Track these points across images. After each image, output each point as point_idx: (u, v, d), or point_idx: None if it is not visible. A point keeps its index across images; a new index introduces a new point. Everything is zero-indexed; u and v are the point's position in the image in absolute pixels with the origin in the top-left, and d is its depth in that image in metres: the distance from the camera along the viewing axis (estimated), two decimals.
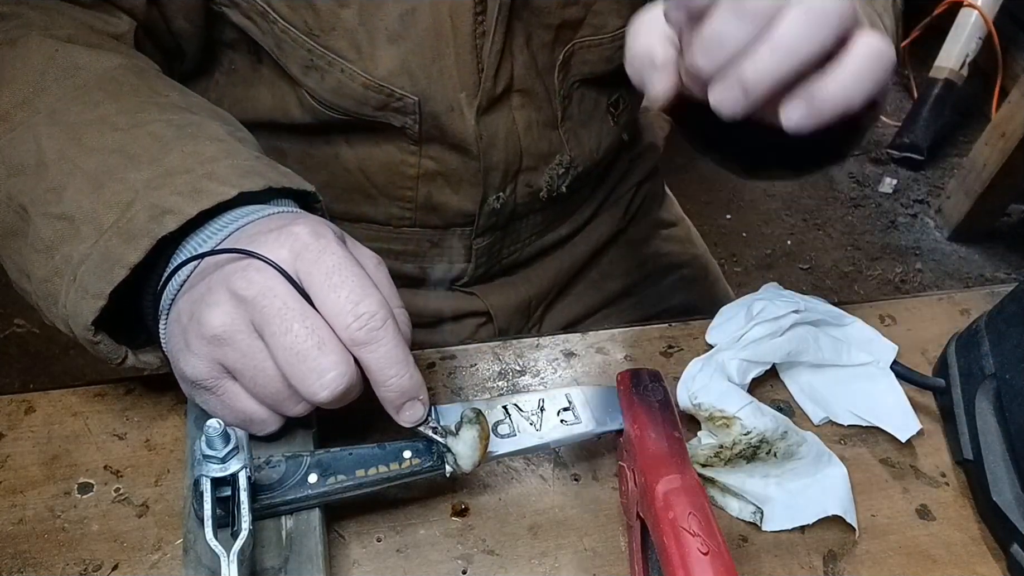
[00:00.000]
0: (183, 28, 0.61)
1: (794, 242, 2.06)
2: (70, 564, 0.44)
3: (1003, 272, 2.01)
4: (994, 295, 0.63)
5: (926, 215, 2.13)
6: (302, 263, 0.41)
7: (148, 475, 0.48)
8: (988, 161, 1.90)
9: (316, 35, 0.59)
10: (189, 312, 0.42)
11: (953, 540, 0.49)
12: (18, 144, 0.48)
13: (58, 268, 0.45)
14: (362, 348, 0.40)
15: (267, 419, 0.44)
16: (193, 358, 0.42)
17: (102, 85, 0.50)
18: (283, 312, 0.40)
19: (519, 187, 0.71)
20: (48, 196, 0.46)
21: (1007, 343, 0.50)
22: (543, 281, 0.81)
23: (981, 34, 2.15)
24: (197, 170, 0.45)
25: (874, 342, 0.56)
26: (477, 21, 0.60)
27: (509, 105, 0.66)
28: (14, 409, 0.51)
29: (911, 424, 0.52)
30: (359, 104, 0.62)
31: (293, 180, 0.48)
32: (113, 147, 0.46)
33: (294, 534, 0.42)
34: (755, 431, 0.49)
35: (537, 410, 0.47)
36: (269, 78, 0.64)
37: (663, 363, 0.57)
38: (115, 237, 0.44)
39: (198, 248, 0.45)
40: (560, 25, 0.65)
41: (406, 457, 0.44)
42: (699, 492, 0.40)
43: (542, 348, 0.58)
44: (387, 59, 0.60)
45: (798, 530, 0.48)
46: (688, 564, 0.37)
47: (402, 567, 0.46)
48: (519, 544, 0.47)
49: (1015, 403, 0.48)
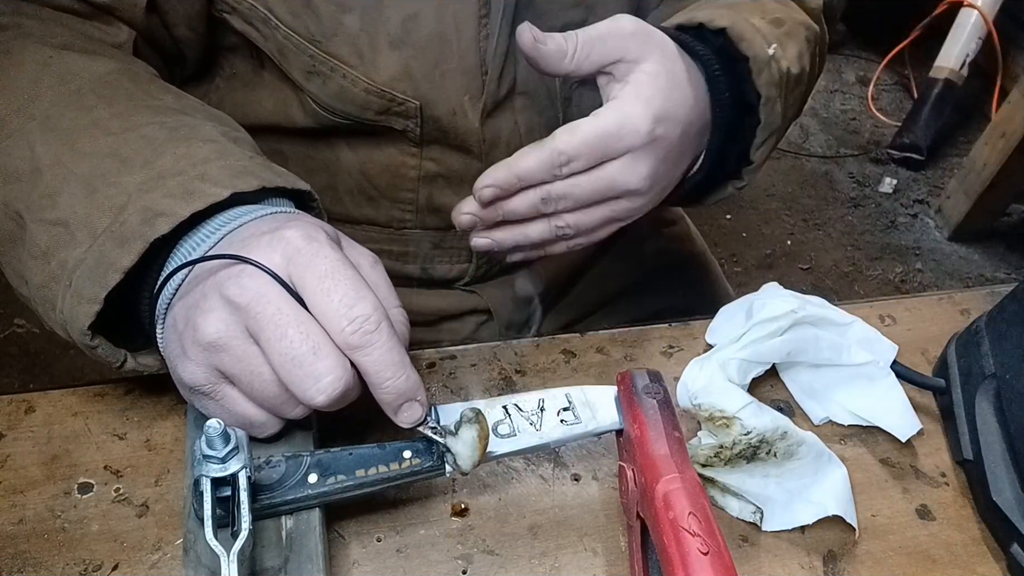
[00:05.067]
0: (185, 35, 0.61)
1: (794, 242, 2.06)
2: (70, 564, 0.44)
3: (1003, 272, 2.01)
4: (994, 295, 0.63)
5: (926, 215, 2.13)
6: (295, 267, 0.41)
7: (148, 475, 0.48)
8: (988, 161, 1.90)
9: (318, 41, 0.59)
10: (185, 318, 0.42)
11: (953, 540, 0.49)
12: (13, 151, 0.48)
13: (54, 274, 0.45)
14: (357, 352, 0.40)
15: (266, 422, 0.44)
16: (190, 364, 0.42)
17: (96, 90, 0.50)
18: (277, 318, 0.40)
19: None
20: (43, 202, 0.46)
21: (1007, 343, 0.50)
22: (544, 280, 0.81)
23: (981, 34, 2.15)
24: (189, 172, 0.45)
25: (874, 342, 0.56)
26: (481, 24, 0.61)
27: (512, 107, 0.66)
28: (14, 409, 0.51)
29: (911, 424, 0.52)
30: (361, 109, 0.62)
31: (288, 179, 0.48)
32: (106, 151, 0.46)
33: (294, 534, 0.42)
34: (755, 431, 0.49)
35: (537, 410, 0.47)
36: (271, 83, 0.64)
37: (663, 363, 0.57)
38: (108, 241, 0.43)
39: (193, 250, 0.45)
40: (562, 27, 0.65)
41: (406, 457, 0.44)
42: (699, 492, 0.40)
43: (542, 348, 0.58)
44: (389, 64, 0.60)
45: (798, 530, 0.48)
46: (688, 564, 0.37)
47: (402, 567, 0.46)
48: (519, 544, 0.47)
49: (1015, 403, 0.48)
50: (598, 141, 0.52)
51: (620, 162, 0.53)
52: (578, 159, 0.52)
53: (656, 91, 0.53)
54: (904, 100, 2.42)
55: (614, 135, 0.52)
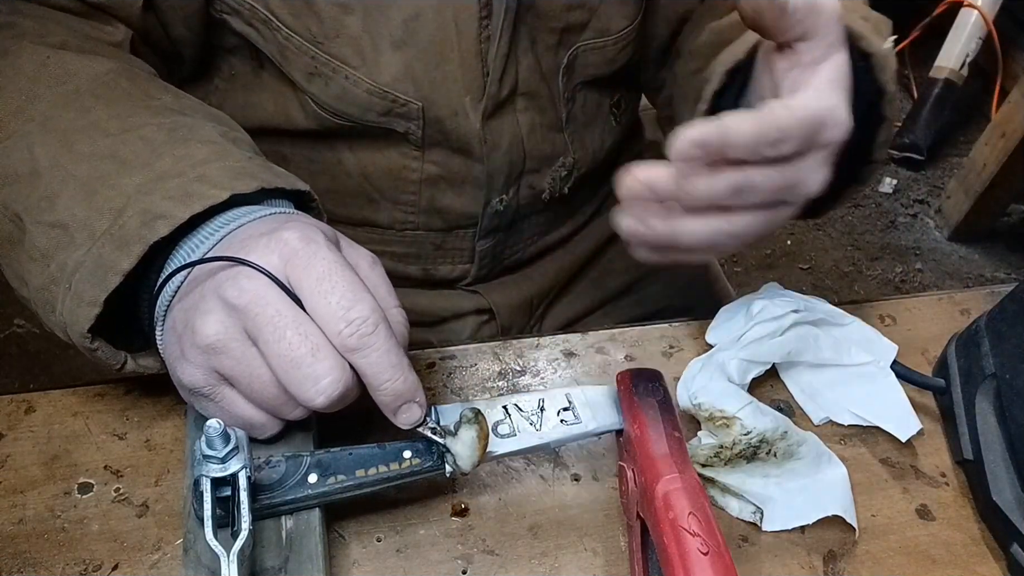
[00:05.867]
0: (182, 35, 0.61)
1: (794, 242, 2.06)
2: (70, 564, 0.44)
3: (1003, 272, 2.01)
4: (994, 295, 0.63)
5: (926, 215, 2.13)
6: (292, 269, 0.41)
7: (148, 475, 0.48)
8: (988, 161, 1.90)
9: (320, 42, 0.59)
10: (183, 320, 0.42)
11: (953, 540, 0.49)
12: (12, 153, 0.48)
13: (54, 276, 0.45)
14: (355, 354, 0.40)
15: (266, 423, 0.44)
16: (189, 366, 0.42)
17: (94, 90, 0.49)
18: (276, 319, 0.40)
19: (522, 189, 0.71)
20: (42, 204, 0.46)
21: (1007, 343, 0.50)
22: (545, 279, 0.81)
23: (981, 34, 2.15)
24: (188, 173, 0.45)
25: (874, 342, 0.56)
26: (482, 26, 0.60)
27: (514, 108, 0.66)
28: (14, 409, 0.51)
29: (911, 424, 0.52)
30: (363, 110, 0.62)
31: (287, 180, 0.48)
32: (105, 153, 0.46)
33: (294, 534, 0.42)
34: (755, 431, 0.49)
35: (537, 410, 0.47)
36: (271, 84, 0.64)
37: (663, 363, 0.57)
38: (108, 244, 0.43)
39: (192, 251, 0.45)
40: (564, 29, 0.65)
41: (406, 457, 0.44)
42: (699, 492, 0.40)
43: (542, 348, 0.58)
44: (391, 65, 0.60)
45: (798, 530, 0.48)
46: (688, 564, 0.37)
47: (402, 567, 0.46)
48: (519, 544, 0.47)
49: (1015, 403, 0.48)
50: (811, 126, 0.43)
51: (813, 158, 0.45)
52: (789, 142, 0.43)
53: (845, 87, 0.46)
54: (904, 100, 2.42)
55: (824, 124, 0.44)
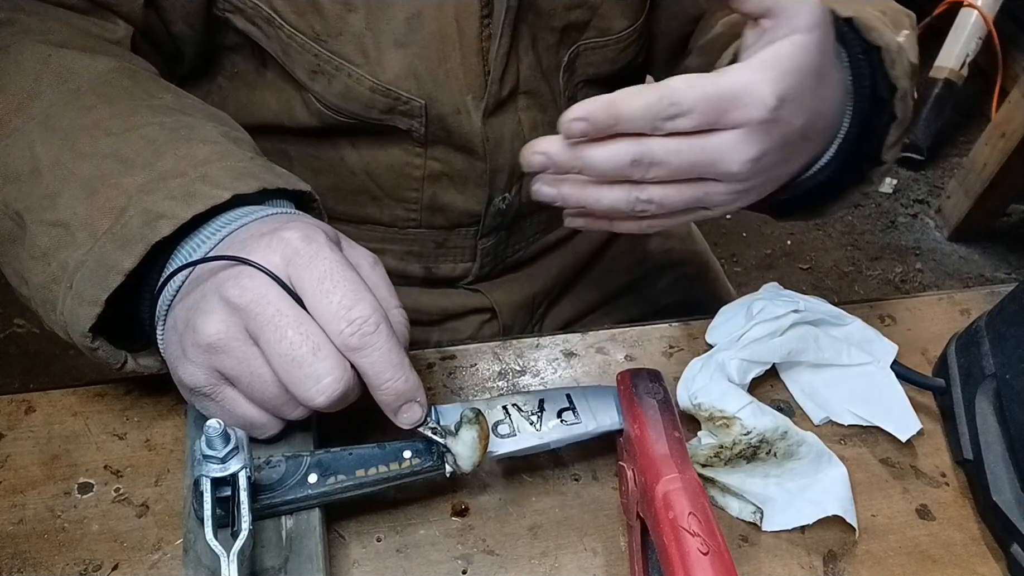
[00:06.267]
0: (183, 32, 0.61)
1: (794, 242, 2.06)
2: (70, 564, 0.44)
3: (1003, 272, 2.01)
4: (994, 295, 0.63)
5: (926, 215, 2.13)
6: (294, 268, 0.41)
7: (148, 475, 0.48)
8: (988, 161, 1.90)
9: (323, 40, 0.59)
10: (185, 320, 0.42)
11: (953, 540, 0.49)
12: (13, 151, 0.48)
13: (55, 275, 0.45)
14: (356, 353, 0.40)
15: (267, 423, 0.44)
16: (190, 366, 0.42)
17: (95, 89, 0.49)
18: (277, 319, 0.40)
19: (524, 187, 0.71)
20: (43, 203, 0.46)
21: (1007, 343, 0.50)
22: (547, 278, 0.81)
23: (981, 34, 2.15)
24: (190, 173, 0.45)
25: (874, 342, 0.56)
26: (483, 24, 0.61)
27: (515, 107, 0.66)
28: (14, 409, 0.51)
29: (911, 424, 0.52)
30: (366, 108, 0.62)
31: (288, 180, 0.48)
32: (106, 152, 0.46)
33: (294, 534, 0.42)
34: (755, 431, 0.49)
35: (537, 410, 0.47)
36: (274, 82, 0.64)
37: (663, 363, 0.57)
38: (109, 243, 0.43)
39: (193, 252, 0.45)
40: (565, 27, 0.65)
41: (406, 457, 0.44)
42: (699, 492, 0.40)
43: (542, 348, 0.58)
44: (394, 63, 0.60)
45: (798, 530, 0.48)
46: (688, 564, 0.37)
47: (402, 567, 0.46)
48: (519, 544, 0.47)
49: (1015, 403, 0.48)
50: (717, 101, 0.43)
51: (731, 135, 0.45)
52: (689, 115, 0.44)
53: (795, 67, 0.45)
54: None
55: (735, 99, 0.44)
